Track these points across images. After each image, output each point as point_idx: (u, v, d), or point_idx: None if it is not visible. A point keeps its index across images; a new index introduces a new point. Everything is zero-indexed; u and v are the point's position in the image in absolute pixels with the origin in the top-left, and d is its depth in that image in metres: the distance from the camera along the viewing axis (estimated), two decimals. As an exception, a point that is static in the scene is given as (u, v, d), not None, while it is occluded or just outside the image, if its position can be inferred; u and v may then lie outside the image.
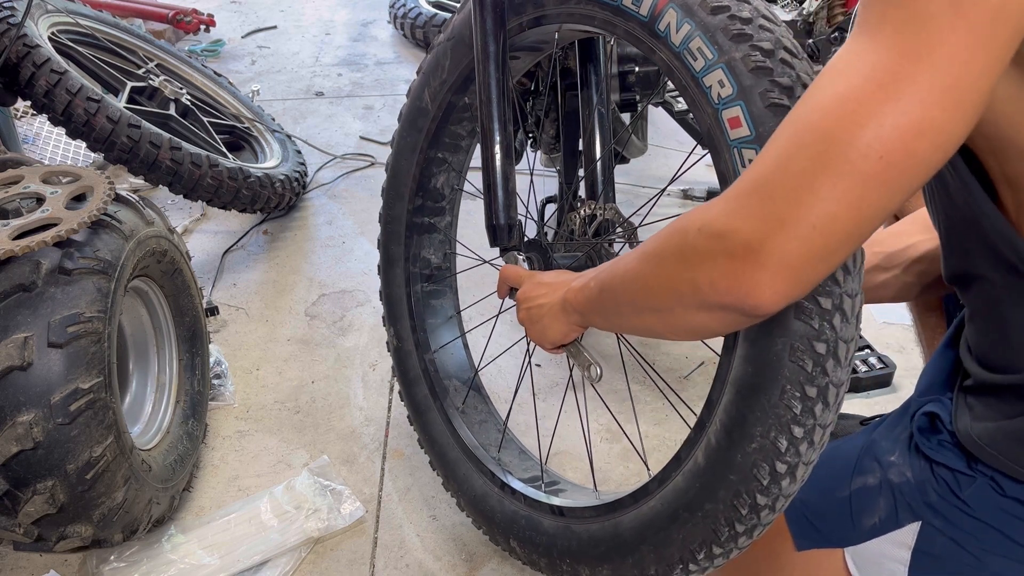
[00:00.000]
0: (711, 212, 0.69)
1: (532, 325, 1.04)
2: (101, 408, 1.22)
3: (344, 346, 1.99)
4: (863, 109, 0.59)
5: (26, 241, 1.19)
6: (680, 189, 2.66)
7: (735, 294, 0.67)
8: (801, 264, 0.63)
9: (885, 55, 0.59)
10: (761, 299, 0.66)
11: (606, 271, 0.89)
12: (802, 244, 0.62)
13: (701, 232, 0.69)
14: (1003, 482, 0.82)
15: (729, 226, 0.66)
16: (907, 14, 0.58)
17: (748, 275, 0.65)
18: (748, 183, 0.66)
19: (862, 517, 0.91)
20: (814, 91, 0.65)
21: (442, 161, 1.42)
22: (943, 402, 0.88)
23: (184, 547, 1.42)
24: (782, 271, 0.64)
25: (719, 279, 0.68)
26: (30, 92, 1.88)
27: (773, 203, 0.63)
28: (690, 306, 0.73)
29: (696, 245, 0.69)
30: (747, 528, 0.88)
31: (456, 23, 1.27)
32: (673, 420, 1.75)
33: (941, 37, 0.57)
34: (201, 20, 3.79)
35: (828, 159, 0.60)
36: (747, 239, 0.64)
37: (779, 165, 0.64)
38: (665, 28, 0.90)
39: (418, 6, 3.75)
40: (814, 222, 0.61)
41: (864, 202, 0.61)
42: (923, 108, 0.58)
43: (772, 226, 0.63)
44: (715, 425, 0.89)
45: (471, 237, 1.63)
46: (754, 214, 0.64)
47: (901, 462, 0.90)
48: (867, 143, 0.59)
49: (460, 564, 1.45)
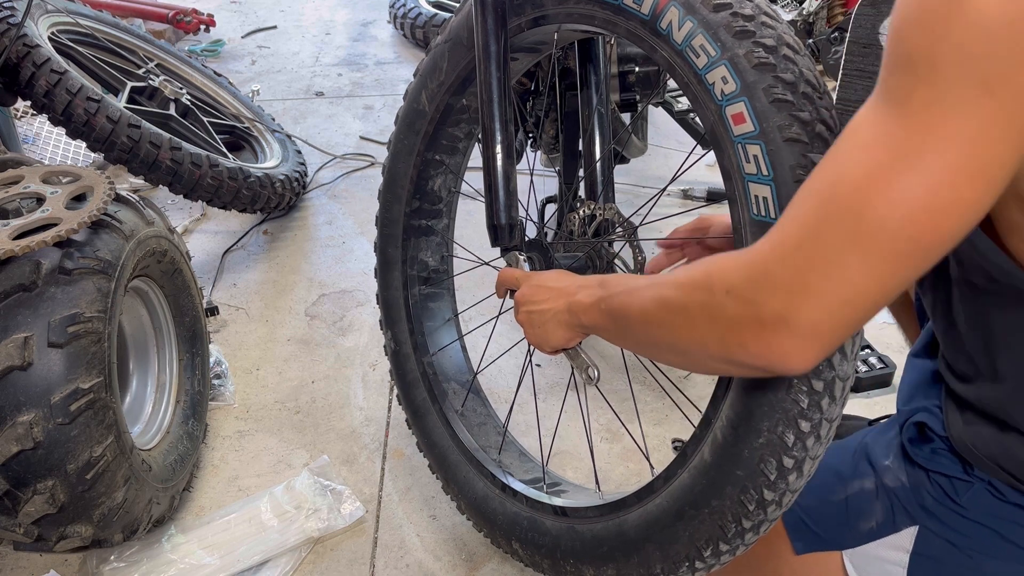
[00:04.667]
0: (738, 274, 0.69)
1: (532, 328, 1.03)
2: (101, 408, 1.22)
3: (344, 346, 1.99)
4: (893, 190, 0.60)
5: (26, 241, 1.19)
6: (680, 189, 2.66)
7: (766, 358, 0.69)
8: (830, 333, 0.66)
9: (914, 134, 0.59)
10: (790, 364, 0.68)
11: (618, 299, 0.86)
12: (832, 316, 0.64)
13: (730, 295, 0.70)
14: (1001, 487, 0.82)
15: (759, 295, 0.67)
16: (937, 93, 0.58)
17: (779, 343, 0.67)
18: (777, 250, 0.67)
19: (859, 521, 0.91)
20: (841, 158, 0.64)
21: (439, 163, 1.41)
22: (931, 411, 0.88)
23: (184, 547, 1.42)
24: (812, 340, 0.66)
25: (749, 343, 0.69)
26: (30, 92, 1.88)
27: (803, 276, 0.64)
28: (715, 358, 0.75)
29: (724, 308, 0.70)
30: (754, 524, 0.88)
31: (454, 25, 1.26)
32: (673, 420, 1.74)
33: (971, 117, 0.57)
34: (201, 20, 3.79)
35: (859, 237, 0.62)
36: (777, 309, 0.66)
37: (809, 237, 0.64)
38: (667, 26, 0.90)
39: (418, 6, 3.76)
40: (844, 297, 0.63)
41: (892, 277, 0.63)
42: (953, 189, 0.59)
43: (802, 299, 0.65)
44: (721, 421, 0.88)
45: (470, 237, 1.63)
46: (784, 285, 0.65)
47: (896, 467, 0.90)
48: (898, 223, 0.60)
49: (460, 564, 1.45)
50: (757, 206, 0.82)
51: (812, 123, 0.80)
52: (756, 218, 0.82)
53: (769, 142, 0.81)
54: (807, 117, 0.80)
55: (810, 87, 0.82)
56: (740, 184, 0.84)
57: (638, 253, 1.15)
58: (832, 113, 0.83)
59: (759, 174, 0.82)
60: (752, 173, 0.82)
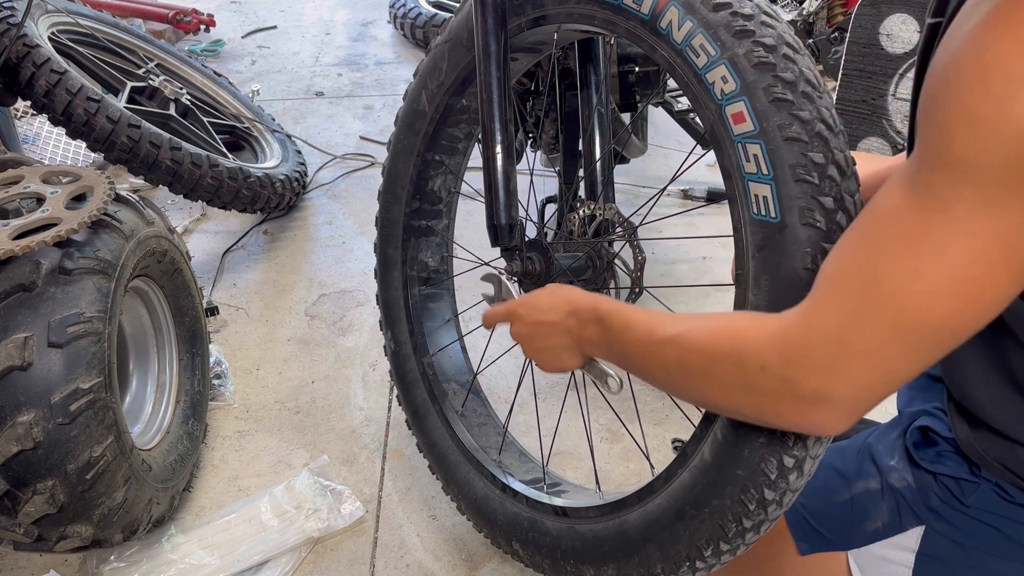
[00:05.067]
0: (773, 352, 0.70)
1: (541, 361, 1.01)
2: (101, 408, 1.21)
3: (344, 346, 1.99)
4: (938, 290, 0.62)
5: (26, 241, 1.19)
6: (680, 189, 2.66)
7: (803, 427, 0.72)
8: (866, 404, 0.68)
9: (958, 235, 0.60)
10: (827, 432, 0.71)
11: (632, 350, 0.85)
12: (870, 392, 0.67)
13: (765, 372, 0.70)
14: (1009, 488, 0.82)
15: (798, 375, 0.68)
16: (982, 195, 0.59)
17: (817, 416, 0.69)
18: (816, 334, 0.68)
19: (865, 521, 0.91)
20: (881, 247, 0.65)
21: (439, 164, 1.41)
22: (934, 414, 0.89)
23: (184, 547, 1.42)
24: (849, 412, 0.69)
25: (786, 414, 0.71)
26: (30, 92, 1.88)
27: (844, 361, 0.66)
28: (747, 417, 0.77)
29: (760, 383, 0.71)
30: (755, 524, 0.88)
31: (453, 25, 1.26)
32: (673, 420, 1.74)
33: (1012, 218, 0.58)
34: (201, 20, 3.79)
35: (901, 332, 0.64)
36: (816, 388, 0.68)
37: (850, 326, 0.66)
38: (667, 26, 0.90)
39: (418, 6, 3.76)
40: (884, 378, 0.66)
41: (930, 360, 0.66)
42: (995, 288, 0.61)
43: (842, 380, 0.67)
44: (722, 420, 0.88)
45: (470, 237, 1.63)
46: (824, 368, 0.67)
47: (901, 467, 0.90)
48: (940, 320, 0.63)
49: (460, 564, 1.45)
50: (757, 205, 0.82)
51: (812, 122, 0.80)
52: (756, 217, 0.82)
53: (769, 141, 0.81)
54: (807, 116, 0.80)
55: (810, 86, 0.82)
56: (740, 183, 0.84)
57: (638, 253, 1.15)
58: (832, 112, 0.83)
59: (759, 173, 0.82)
60: (752, 172, 0.82)
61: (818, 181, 0.79)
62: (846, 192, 0.80)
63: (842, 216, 0.79)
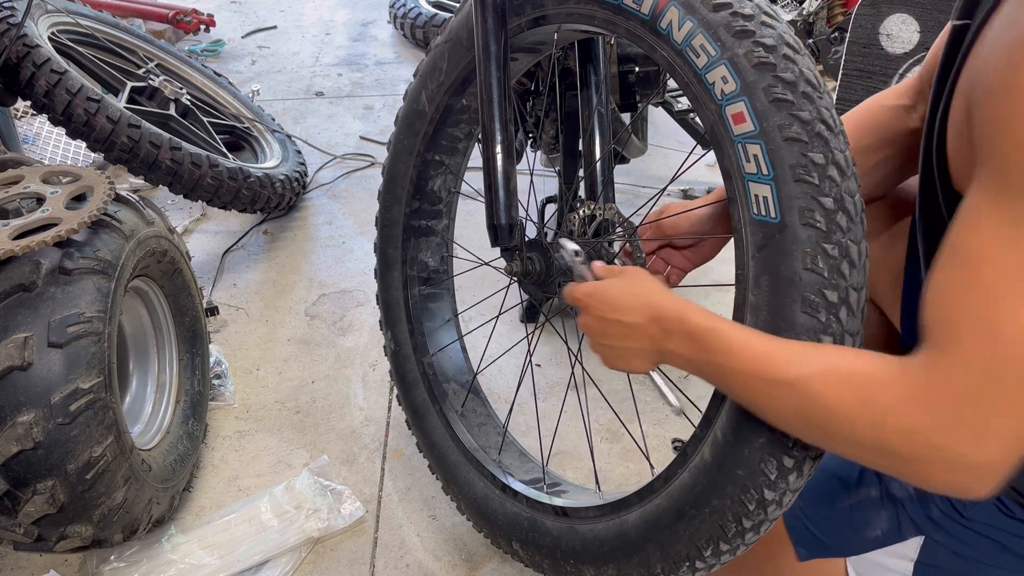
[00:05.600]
0: (915, 418, 0.67)
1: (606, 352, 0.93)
2: (101, 408, 1.21)
3: (344, 346, 1.99)
4: None
5: (26, 241, 1.19)
6: (680, 189, 2.66)
7: (950, 492, 0.70)
8: (1009, 463, 0.66)
9: None
10: (973, 495, 0.68)
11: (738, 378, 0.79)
12: (1013, 451, 0.65)
13: (905, 438, 0.68)
14: (1009, 504, 0.82)
15: (943, 440, 0.66)
16: None
17: (965, 481, 0.67)
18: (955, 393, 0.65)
19: (864, 529, 0.91)
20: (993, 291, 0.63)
21: (439, 164, 1.41)
22: None
23: (184, 547, 1.42)
24: (995, 475, 0.66)
25: (933, 478, 0.69)
26: (30, 92, 1.88)
27: (987, 420, 0.64)
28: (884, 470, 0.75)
29: (902, 449, 0.68)
30: (754, 524, 0.88)
31: (453, 25, 1.26)
32: (673, 420, 1.74)
33: None
34: (201, 20, 3.79)
35: None
36: (963, 453, 0.65)
37: (987, 381, 0.64)
38: (667, 26, 0.90)
39: (418, 6, 3.76)
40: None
41: None
42: None
43: (988, 442, 0.65)
44: (722, 420, 0.88)
45: (470, 237, 1.63)
46: (971, 431, 0.65)
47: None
48: None
49: (460, 564, 1.45)
50: (757, 205, 0.82)
51: (812, 122, 0.80)
52: (756, 217, 0.82)
53: (769, 141, 0.81)
54: (807, 116, 0.80)
55: (810, 86, 0.82)
56: (740, 184, 0.84)
57: (638, 253, 1.15)
58: (832, 112, 0.83)
59: (759, 173, 0.82)
60: (752, 172, 0.82)
61: (818, 181, 0.79)
62: (846, 192, 0.80)
63: (842, 216, 0.80)
